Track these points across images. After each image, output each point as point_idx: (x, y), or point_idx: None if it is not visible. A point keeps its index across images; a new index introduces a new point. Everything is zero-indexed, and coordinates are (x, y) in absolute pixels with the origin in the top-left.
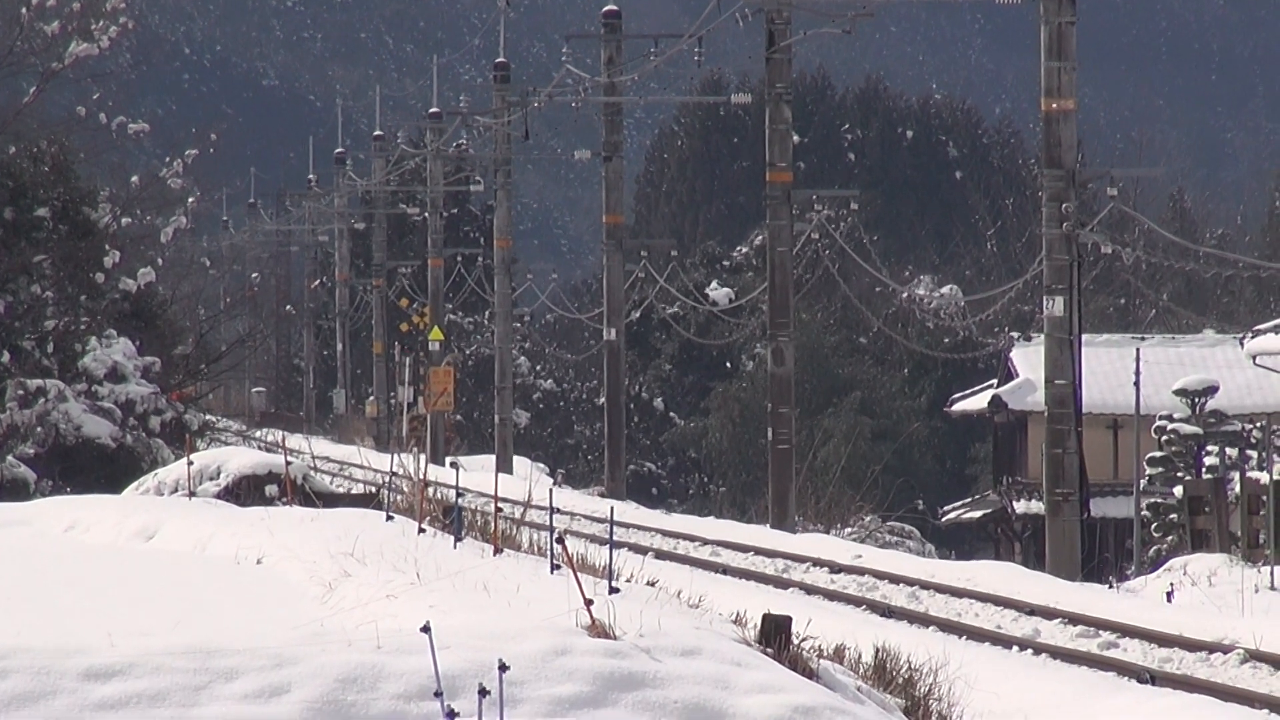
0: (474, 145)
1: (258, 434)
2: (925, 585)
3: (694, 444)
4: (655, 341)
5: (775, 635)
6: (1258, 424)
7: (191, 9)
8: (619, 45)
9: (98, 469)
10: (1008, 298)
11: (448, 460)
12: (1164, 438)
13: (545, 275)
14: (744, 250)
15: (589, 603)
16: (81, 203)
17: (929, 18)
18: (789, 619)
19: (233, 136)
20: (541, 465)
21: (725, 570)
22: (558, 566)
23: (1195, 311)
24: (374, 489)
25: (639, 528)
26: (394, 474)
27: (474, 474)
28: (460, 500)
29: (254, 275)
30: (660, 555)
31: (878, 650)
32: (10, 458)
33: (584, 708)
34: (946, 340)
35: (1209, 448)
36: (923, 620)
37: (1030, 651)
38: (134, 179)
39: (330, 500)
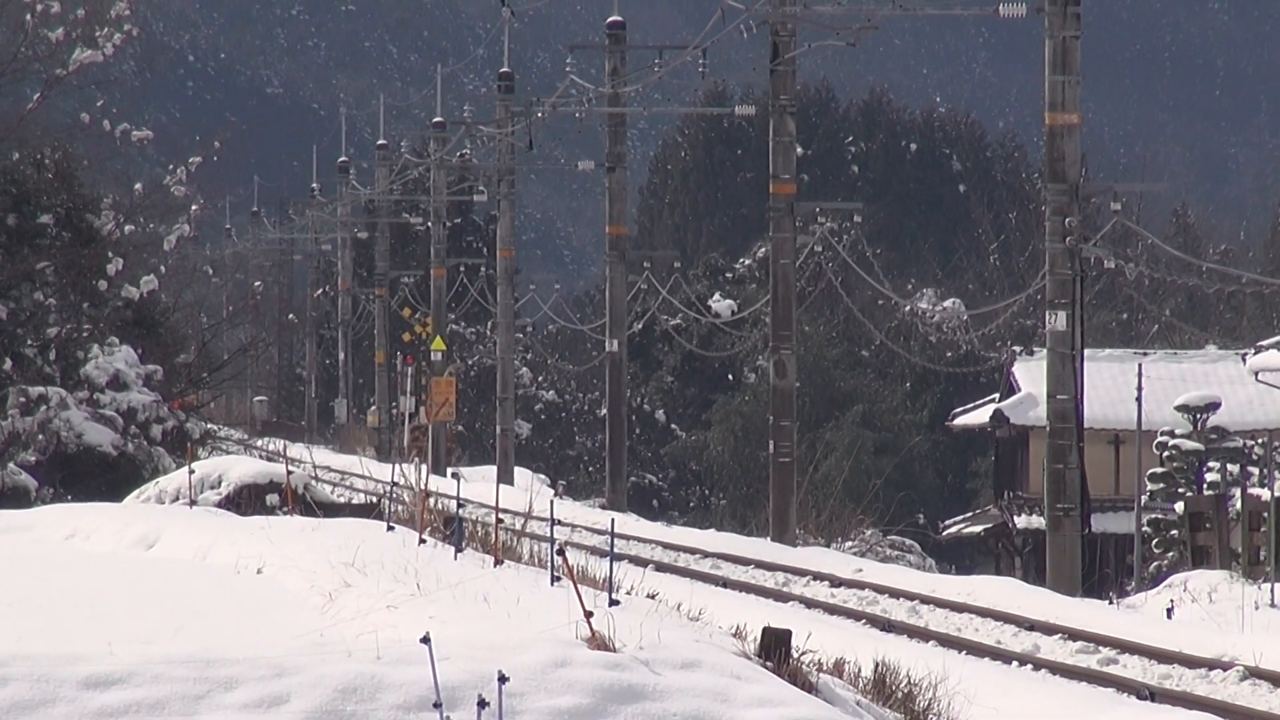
0: (477, 155)
1: (259, 443)
2: (925, 600)
3: (695, 456)
4: (657, 353)
5: (775, 649)
6: (1259, 440)
7: (196, 17)
8: (623, 56)
9: (99, 477)
10: (1010, 312)
11: (449, 471)
12: (1165, 453)
13: (548, 286)
14: (747, 262)
15: (589, 615)
16: (84, 210)
17: (933, 31)
18: (789, 632)
19: (236, 144)
20: (543, 476)
21: (725, 583)
22: (558, 578)
23: (1198, 327)
24: (375, 499)
25: (640, 540)
26: (395, 484)
27: (475, 485)
28: (461, 511)
29: (257, 284)
30: (661, 568)
31: (877, 664)
32: (11, 465)
33: (583, 719)
34: (949, 354)
35: (1210, 464)
36: (922, 635)
37: (1030, 667)
38: (137, 186)
39: (331, 510)
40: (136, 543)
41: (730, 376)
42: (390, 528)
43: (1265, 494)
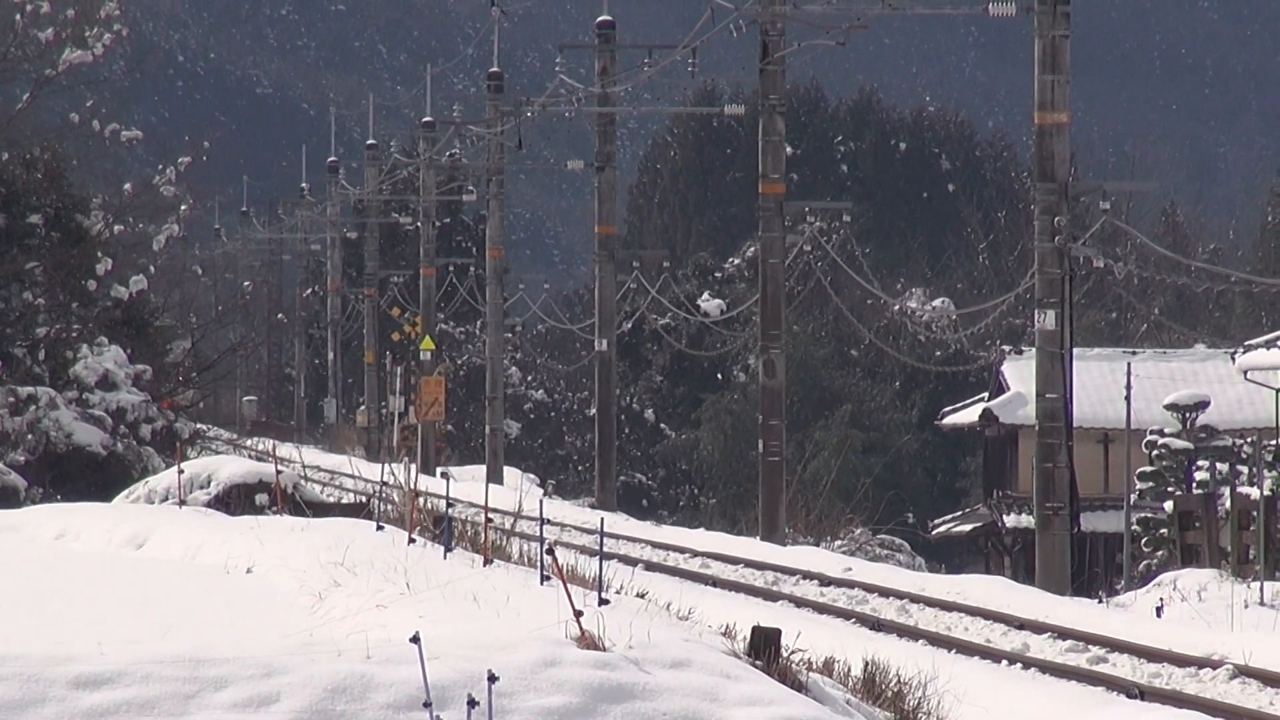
0: (467, 155)
1: (248, 443)
2: (915, 599)
3: (685, 455)
4: (647, 352)
5: (765, 648)
6: (1248, 439)
7: (185, 17)
8: (613, 56)
9: (88, 477)
10: (999, 311)
11: (438, 470)
12: (1155, 452)
13: (537, 285)
14: (736, 262)
15: (578, 614)
16: (74, 210)
17: (923, 30)
18: (778, 631)
19: (226, 144)
20: (532, 476)
21: (715, 582)
22: (548, 577)
23: (1187, 326)
24: (364, 499)
25: (629, 539)
26: (384, 484)
27: (464, 484)
28: (450, 510)
29: (246, 284)
30: (650, 567)
31: (867, 663)
32: (1, 465)
33: (573, 719)
34: (938, 353)
35: (1200, 463)
36: (912, 634)
37: (1020, 665)
38: (127, 186)
39: (320, 510)
40: (126, 542)
41: (719, 376)
42: (380, 527)
43: (1254, 493)
